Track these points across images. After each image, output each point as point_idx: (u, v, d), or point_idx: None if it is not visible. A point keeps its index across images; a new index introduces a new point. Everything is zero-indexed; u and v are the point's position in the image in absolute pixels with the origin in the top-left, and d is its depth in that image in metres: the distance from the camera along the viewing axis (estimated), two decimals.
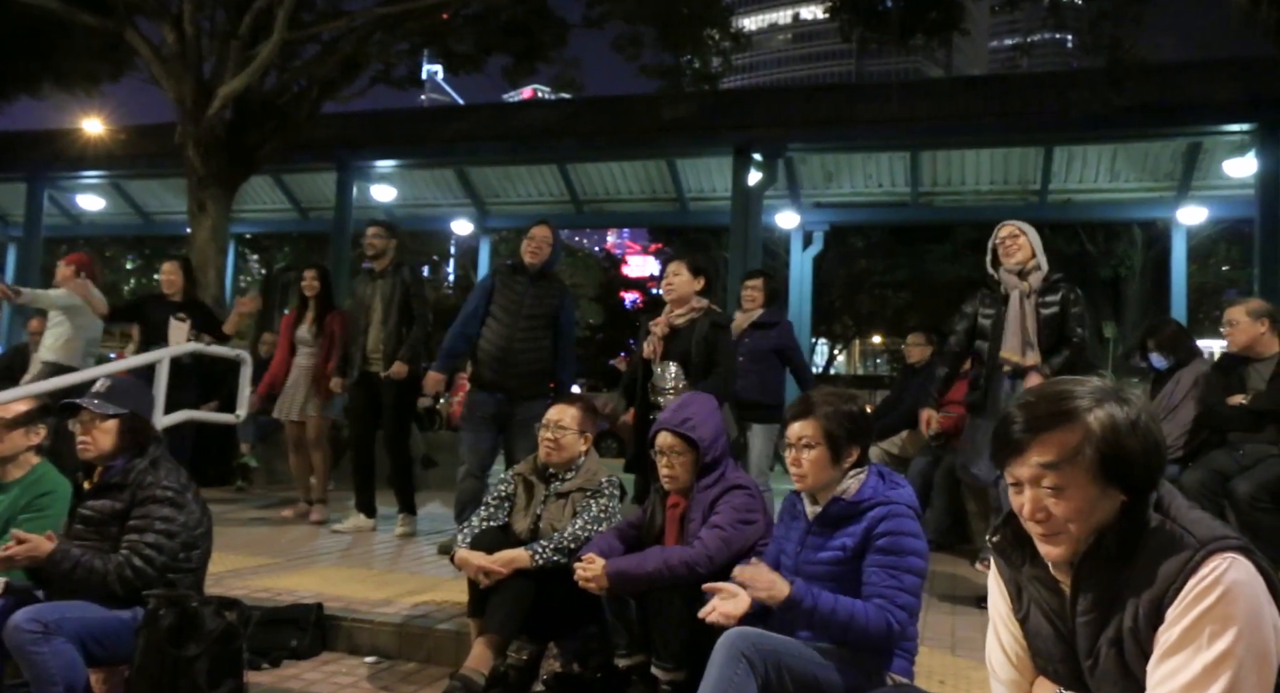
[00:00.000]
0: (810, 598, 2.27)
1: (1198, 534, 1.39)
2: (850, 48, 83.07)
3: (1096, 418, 1.42)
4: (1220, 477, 4.36)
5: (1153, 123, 9.55)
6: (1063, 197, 11.39)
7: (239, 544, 5.15)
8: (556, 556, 3.11)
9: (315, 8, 10.41)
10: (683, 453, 2.98)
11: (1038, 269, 4.28)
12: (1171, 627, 1.35)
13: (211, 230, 9.32)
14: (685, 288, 4.39)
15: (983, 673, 3.16)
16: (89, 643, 2.70)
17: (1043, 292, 4.24)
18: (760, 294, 5.64)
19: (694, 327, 4.33)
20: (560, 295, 5.12)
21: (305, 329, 6.26)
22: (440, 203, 13.44)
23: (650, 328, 4.45)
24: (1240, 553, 1.36)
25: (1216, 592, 1.32)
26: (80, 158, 13.24)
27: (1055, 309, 4.22)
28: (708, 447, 2.98)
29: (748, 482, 3.03)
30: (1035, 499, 1.45)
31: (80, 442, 2.92)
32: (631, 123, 11.68)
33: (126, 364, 5.65)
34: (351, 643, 3.68)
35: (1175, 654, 1.34)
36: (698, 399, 3.13)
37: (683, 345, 4.32)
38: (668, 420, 3.02)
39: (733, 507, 2.90)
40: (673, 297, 4.41)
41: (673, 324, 4.37)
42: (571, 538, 3.14)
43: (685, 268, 4.43)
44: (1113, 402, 1.44)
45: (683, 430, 2.97)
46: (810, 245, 12.67)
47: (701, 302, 4.41)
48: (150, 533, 2.81)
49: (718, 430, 3.05)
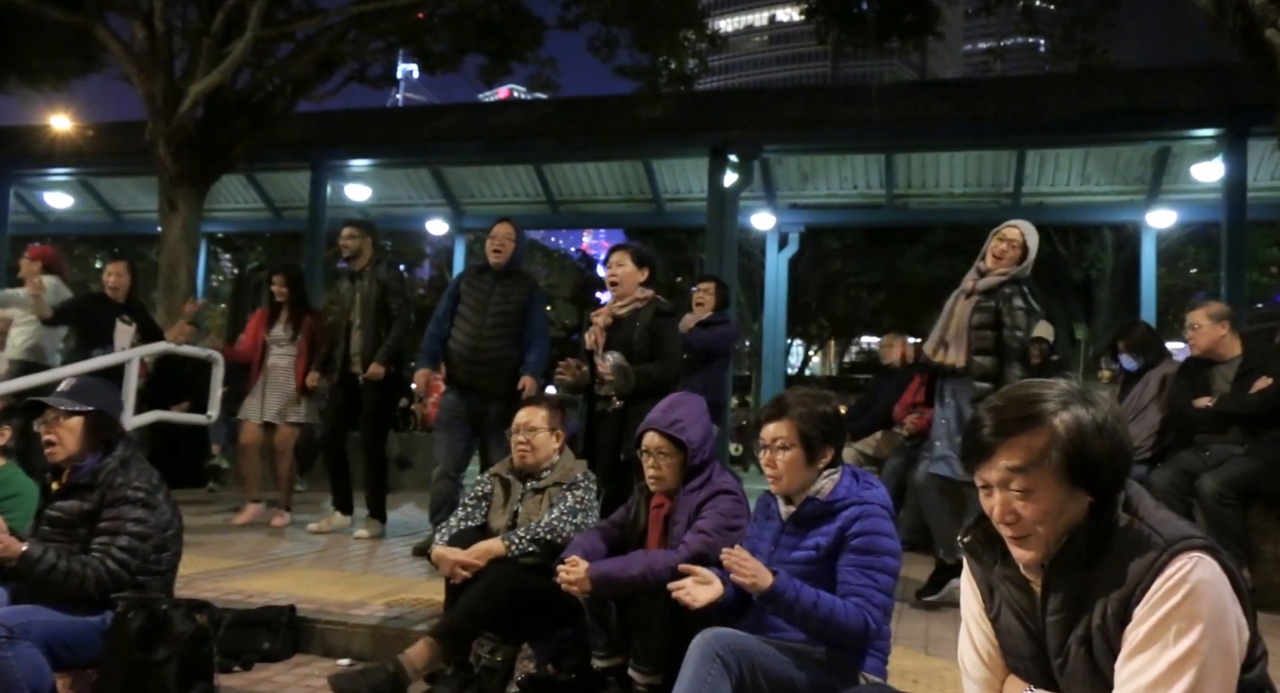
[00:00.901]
0: (793, 591, 2.27)
1: (1164, 534, 1.41)
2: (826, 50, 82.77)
3: (1062, 421, 1.44)
4: (1188, 476, 4.42)
5: (1123, 127, 9.66)
6: (1035, 199, 11.49)
7: (210, 546, 5.10)
8: (532, 545, 3.11)
9: (290, 5, 10.32)
10: (670, 455, 2.96)
11: (1002, 275, 4.16)
12: (1139, 625, 1.37)
13: (183, 229, 9.22)
14: (630, 278, 4.33)
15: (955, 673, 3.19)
16: (55, 647, 2.66)
17: (986, 293, 4.14)
18: (711, 298, 5.68)
19: (637, 316, 4.26)
20: (527, 292, 5.09)
21: (280, 330, 6.12)
22: (415, 203, 13.36)
23: (592, 319, 4.40)
24: (1205, 552, 1.38)
25: (1182, 591, 1.34)
26: (48, 155, 13.02)
27: (989, 315, 4.09)
28: (696, 449, 2.96)
29: (734, 486, 3.00)
30: (1004, 502, 1.47)
31: (46, 442, 2.88)
32: (607, 124, 11.67)
33: (94, 364, 5.57)
34: (325, 645, 3.65)
35: (1142, 652, 1.36)
36: (688, 400, 3.09)
37: (625, 335, 4.25)
38: (656, 421, 2.99)
39: (719, 512, 2.87)
40: (618, 289, 4.35)
41: (615, 314, 4.30)
42: (547, 528, 3.14)
43: (629, 258, 4.36)
44: (1079, 404, 1.46)
45: (672, 432, 2.94)
46: (786, 247, 12.71)
47: (646, 292, 4.35)
48: (123, 535, 2.77)
49: (707, 433, 3.03)
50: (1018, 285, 4.14)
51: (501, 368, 4.95)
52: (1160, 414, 4.82)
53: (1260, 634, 1.45)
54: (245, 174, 12.61)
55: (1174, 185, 10.83)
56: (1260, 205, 9.73)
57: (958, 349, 4.12)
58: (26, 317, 6.32)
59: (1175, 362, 4.99)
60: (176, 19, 9.48)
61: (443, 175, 12.63)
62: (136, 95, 9.31)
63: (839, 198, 12.04)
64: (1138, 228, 11.82)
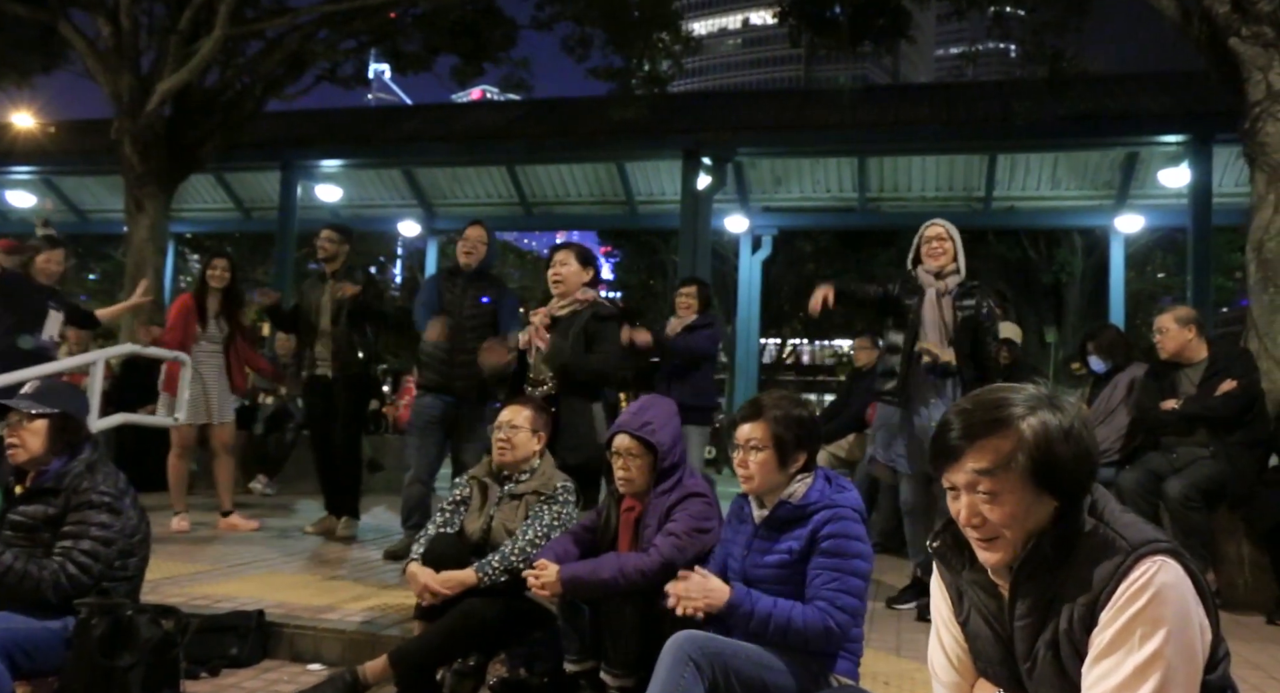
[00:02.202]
0: (748, 604, 2.30)
1: (1129, 538, 1.42)
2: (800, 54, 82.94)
3: (1029, 425, 1.45)
4: (1155, 477, 4.48)
5: (1092, 132, 9.81)
6: (1006, 204, 11.63)
7: (176, 550, 5.02)
8: (505, 575, 3.06)
9: (259, 3, 10.22)
10: (640, 456, 2.94)
11: (956, 273, 4.27)
12: (1104, 629, 1.38)
13: (150, 229, 9.10)
14: (574, 278, 4.22)
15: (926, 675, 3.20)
16: (15, 654, 2.61)
17: (959, 295, 4.23)
18: (694, 301, 5.72)
19: (575, 318, 4.16)
20: (497, 295, 5.08)
21: (215, 327, 5.88)
22: (387, 204, 13.28)
23: (529, 318, 4.31)
24: (1170, 556, 1.39)
25: (1147, 595, 1.36)
26: (9, 153, 12.82)
27: (970, 312, 4.19)
28: (666, 451, 2.94)
29: (705, 489, 2.99)
30: (971, 505, 1.48)
31: (9, 444, 2.82)
32: (580, 125, 11.67)
33: (61, 366, 5.48)
34: (294, 650, 3.60)
35: (1108, 656, 1.37)
36: (659, 403, 3.08)
37: (561, 336, 4.15)
38: (627, 423, 2.97)
39: (690, 514, 2.86)
40: (560, 288, 4.24)
41: (554, 315, 4.20)
42: (520, 556, 3.08)
43: (574, 257, 4.26)
44: (1046, 409, 1.47)
45: (642, 434, 2.93)
46: (759, 249, 12.77)
47: (588, 293, 4.25)
48: (85, 539, 2.72)
49: (676, 435, 3.01)
50: (983, 290, 4.25)
51: (475, 371, 4.90)
52: (1129, 417, 4.88)
53: (1223, 635, 1.47)
54: (214, 174, 12.48)
55: (1142, 190, 11.00)
56: (1225, 210, 9.92)
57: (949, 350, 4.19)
58: None
59: (1143, 365, 5.06)
60: (143, 15, 9.37)
61: (415, 176, 12.57)
62: (102, 93, 9.19)
63: (812, 201, 12.12)
64: (1107, 232, 12.00)
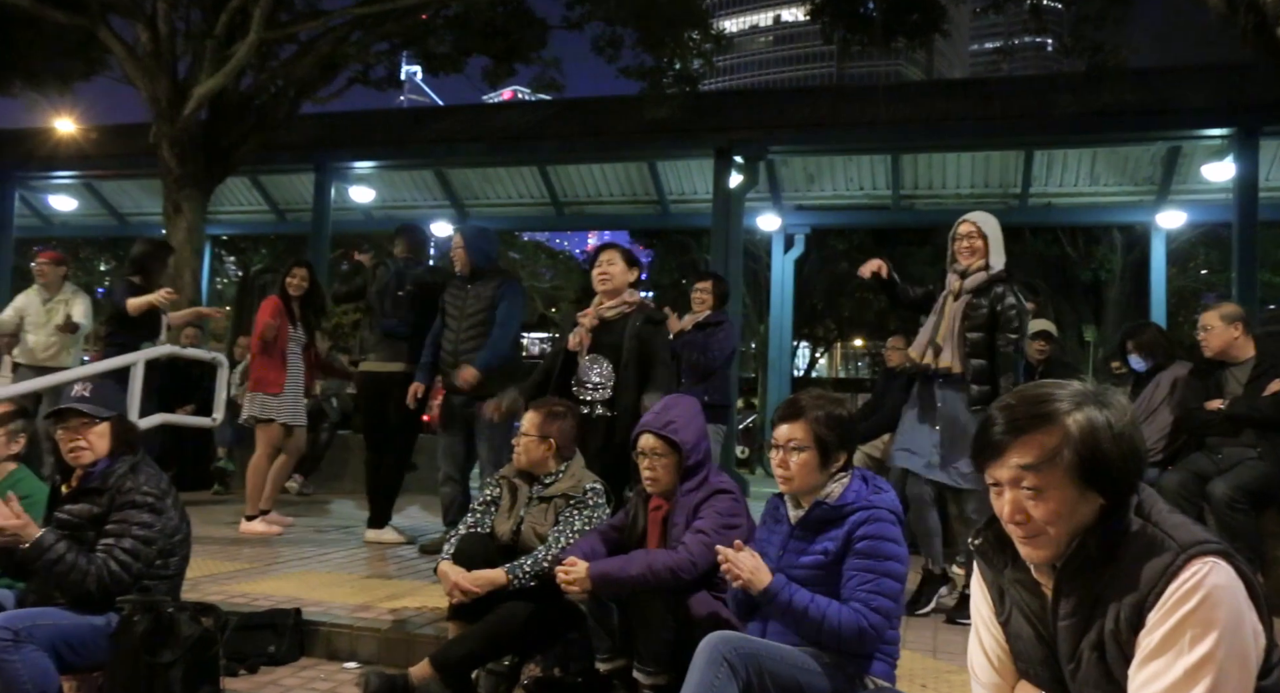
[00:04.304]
0: (786, 593, 2.31)
1: (1178, 538, 1.39)
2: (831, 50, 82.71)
3: (1075, 421, 1.43)
4: (1199, 479, 4.39)
5: (1132, 127, 9.62)
6: (1043, 200, 11.46)
7: (216, 549, 5.09)
8: (534, 580, 3.06)
9: (293, 7, 10.33)
10: (665, 455, 2.96)
11: (983, 270, 4.09)
12: (1153, 631, 1.35)
13: (187, 232, 9.23)
14: (621, 278, 4.25)
15: (964, 677, 3.15)
16: (62, 650, 2.66)
17: (976, 292, 4.05)
18: (710, 297, 5.62)
19: (626, 321, 4.18)
20: (498, 288, 5.05)
21: (301, 330, 6.02)
22: (419, 205, 13.35)
23: (578, 320, 4.32)
24: (1221, 557, 1.36)
25: (1198, 596, 1.33)
26: (52, 158, 13.06)
27: (983, 311, 4.01)
28: (690, 450, 2.96)
29: (731, 486, 3.00)
30: (1014, 501, 1.46)
31: (72, 447, 2.87)
32: (612, 124, 11.66)
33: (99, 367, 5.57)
34: (330, 649, 3.64)
35: (1156, 658, 1.34)
36: (681, 402, 3.10)
37: (613, 339, 4.18)
38: (650, 423, 3.00)
39: (717, 511, 2.88)
40: (608, 286, 4.26)
41: (602, 317, 4.23)
42: (552, 562, 3.07)
43: (620, 257, 4.29)
44: (1092, 405, 1.45)
45: (666, 433, 2.95)
46: (792, 248, 12.69)
47: (635, 295, 4.29)
48: (127, 538, 2.77)
49: (700, 434, 3.03)
50: (1007, 284, 4.06)
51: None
52: (1171, 416, 4.78)
53: (1276, 641, 1.43)
54: (249, 176, 12.63)
55: (1184, 185, 10.78)
56: (1272, 205, 9.68)
57: (951, 352, 4.05)
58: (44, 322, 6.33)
59: (1185, 364, 4.95)
60: (180, 21, 9.50)
61: (446, 177, 12.63)
62: (140, 98, 9.33)
63: (845, 199, 12.01)
64: (1147, 228, 11.78)
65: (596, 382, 4.16)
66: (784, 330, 13.28)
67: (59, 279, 6.47)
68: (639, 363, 4.15)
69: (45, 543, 2.67)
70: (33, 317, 6.43)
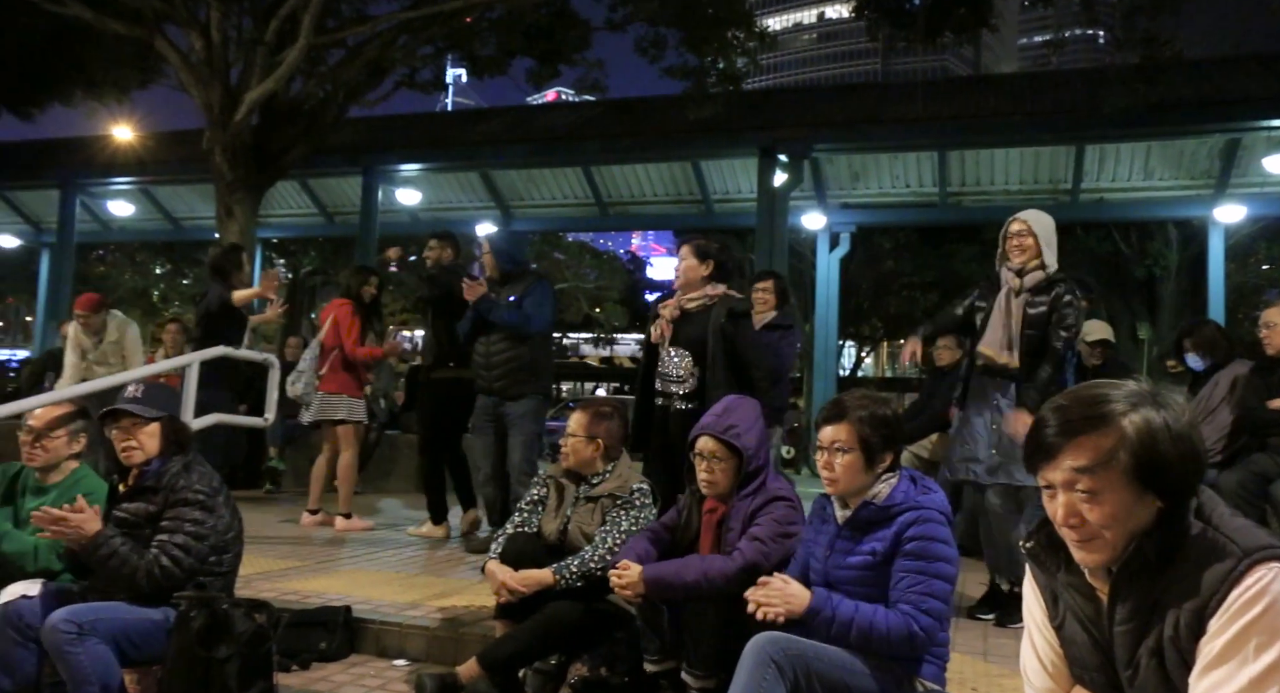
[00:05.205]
0: (829, 608, 2.26)
1: (1241, 543, 1.36)
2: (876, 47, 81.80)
3: (1132, 422, 1.39)
4: (1261, 480, 4.27)
5: (1189, 119, 9.40)
6: (1095, 195, 11.24)
7: (267, 547, 5.18)
8: (581, 580, 3.07)
9: (340, 13, 10.50)
10: (724, 460, 2.89)
11: (1039, 269, 4.00)
12: (1215, 638, 1.32)
13: (239, 235, 9.41)
14: (691, 273, 4.24)
15: (1016, 681, 3.10)
16: (123, 643, 2.73)
17: (1035, 290, 3.97)
18: (772, 296, 5.50)
19: (708, 313, 4.16)
20: (525, 285, 5.10)
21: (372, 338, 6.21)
22: (465, 206, 13.49)
23: (659, 311, 4.31)
24: None
25: (1262, 603, 1.29)
26: (110, 164, 13.43)
27: (1043, 309, 3.92)
28: (751, 455, 2.89)
29: (789, 492, 2.93)
30: (1069, 504, 1.43)
31: (125, 447, 2.95)
32: (655, 124, 11.67)
33: (156, 369, 5.71)
34: (380, 646, 3.68)
35: (1219, 666, 1.31)
36: (743, 404, 3.02)
37: (696, 331, 4.17)
38: (711, 426, 2.92)
39: (774, 519, 2.81)
40: (680, 283, 4.29)
41: (683, 307, 4.23)
42: (599, 563, 3.08)
43: (691, 252, 4.28)
44: (1149, 406, 1.41)
45: (727, 438, 2.88)
46: (837, 247, 12.58)
47: (717, 288, 4.24)
48: (179, 534, 2.83)
49: (762, 439, 2.96)
50: (1067, 283, 3.98)
51: (511, 368, 5.02)
52: (1231, 416, 4.65)
53: None
54: (298, 180, 12.86)
55: (1244, 178, 10.50)
56: None
57: (1014, 351, 3.97)
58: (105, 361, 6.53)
59: (1245, 362, 4.81)
60: (232, 29, 9.70)
61: (491, 178, 12.74)
62: (194, 105, 9.55)
63: (891, 197, 11.89)
64: (1205, 223, 11.50)
65: (678, 375, 4.16)
66: (829, 330, 13.18)
67: (103, 320, 6.67)
68: (728, 362, 4.09)
69: (101, 538, 2.75)
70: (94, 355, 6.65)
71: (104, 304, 6.77)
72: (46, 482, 3.22)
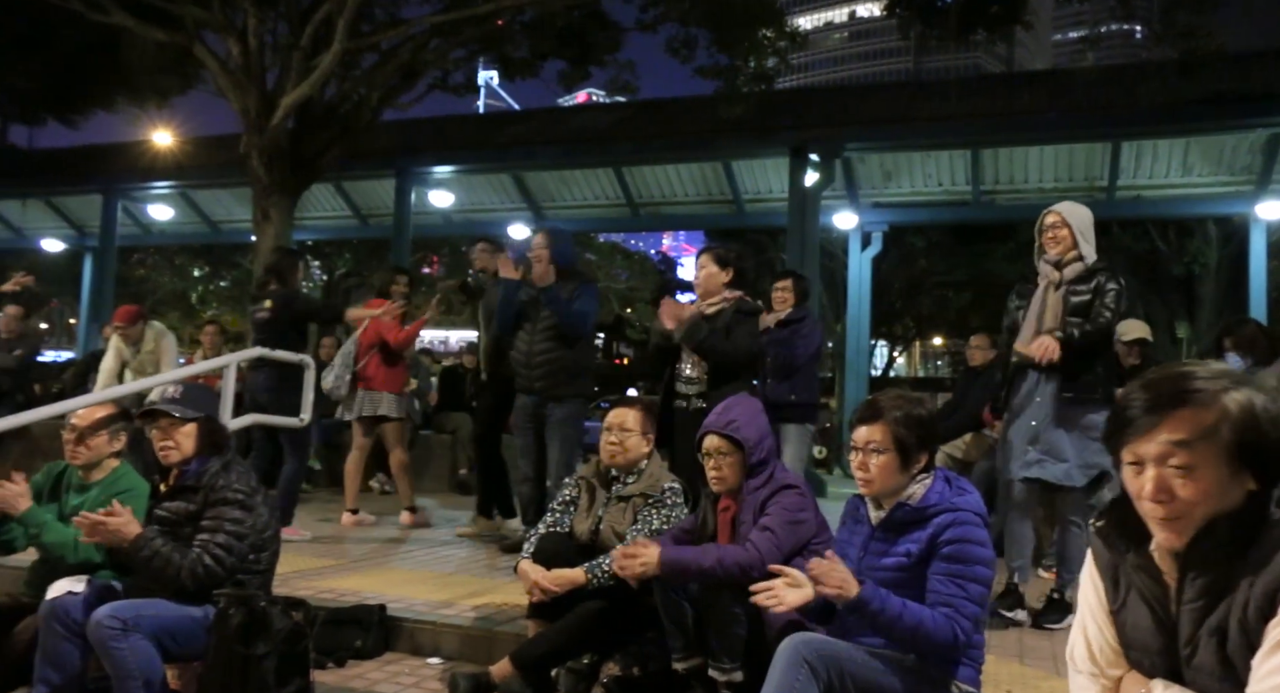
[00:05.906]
0: (879, 601, 2.23)
1: None
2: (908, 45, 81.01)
3: (1234, 399, 1.38)
4: None
5: (1228, 114, 9.22)
6: (1132, 192, 11.06)
7: (304, 546, 5.25)
8: (613, 580, 3.08)
9: (374, 17, 10.61)
10: (729, 454, 2.98)
11: (1077, 260, 3.95)
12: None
13: (275, 238, 9.54)
14: (711, 280, 4.40)
15: (1052, 683, 3.08)
16: (164, 640, 2.78)
17: (1075, 280, 3.91)
18: (790, 295, 5.62)
19: (720, 316, 4.33)
20: (574, 291, 5.04)
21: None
22: (497, 208, 13.57)
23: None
24: None
25: None
26: (150, 169, 13.65)
27: (1086, 298, 3.87)
28: (754, 447, 2.98)
29: (797, 481, 3.03)
30: (1160, 479, 1.40)
31: (162, 446, 3.01)
32: (686, 125, 11.66)
33: (194, 370, 5.81)
34: (414, 644, 3.72)
35: None
36: (742, 401, 3.13)
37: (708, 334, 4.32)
38: (712, 423, 3.03)
39: (783, 507, 2.89)
40: (701, 289, 4.44)
41: (704, 313, 4.36)
42: None
43: (711, 260, 4.44)
44: (1249, 387, 1.41)
45: (728, 432, 2.97)
46: (869, 246, 12.50)
47: (733, 293, 4.40)
48: (221, 534, 2.88)
49: (763, 431, 3.05)
50: (1108, 271, 3.92)
51: (553, 369, 5.02)
52: None
53: None
54: (333, 183, 12.99)
55: None
56: None
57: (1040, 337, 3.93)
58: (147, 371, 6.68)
59: None
60: (268, 35, 9.84)
61: (524, 180, 12.79)
62: (232, 109, 9.69)
63: (923, 195, 11.79)
64: (1246, 220, 11.28)
65: (691, 376, 4.31)
66: (861, 329, 13.09)
67: (140, 330, 6.83)
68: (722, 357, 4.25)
69: (142, 540, 2.80)
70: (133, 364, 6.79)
71: (141, 316, 6.90)
72: (89, 480, 3.29)
